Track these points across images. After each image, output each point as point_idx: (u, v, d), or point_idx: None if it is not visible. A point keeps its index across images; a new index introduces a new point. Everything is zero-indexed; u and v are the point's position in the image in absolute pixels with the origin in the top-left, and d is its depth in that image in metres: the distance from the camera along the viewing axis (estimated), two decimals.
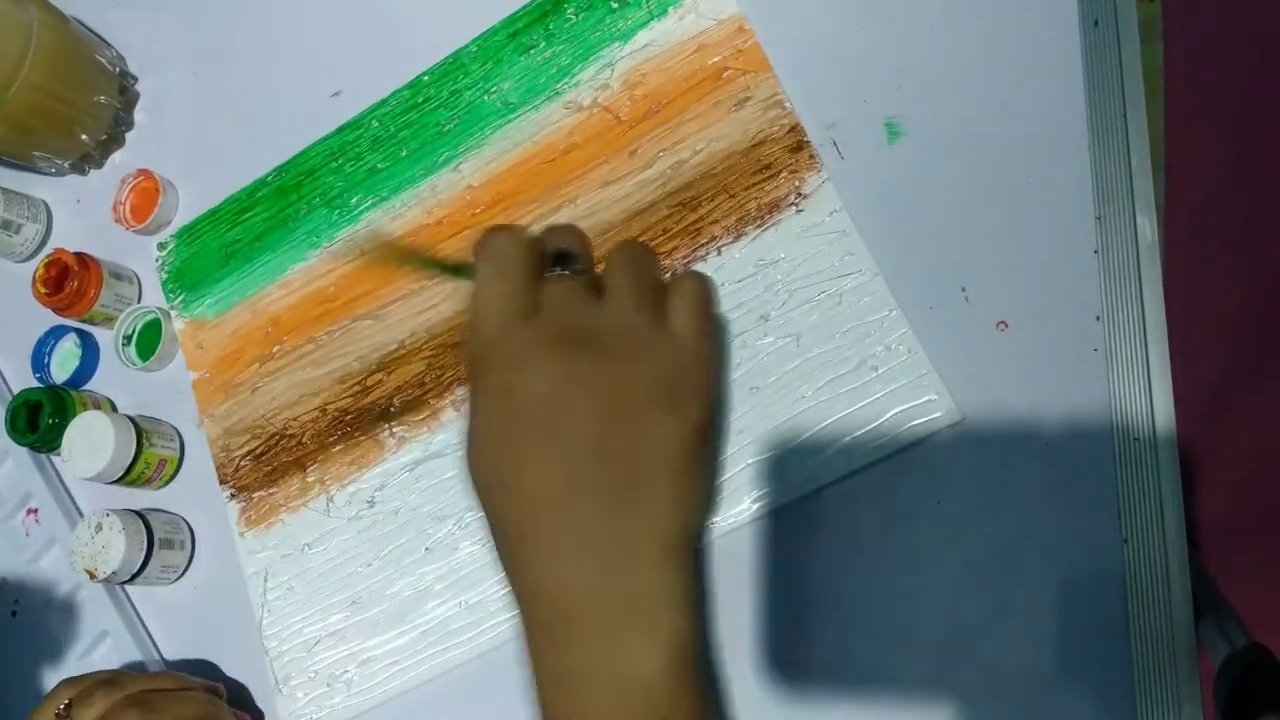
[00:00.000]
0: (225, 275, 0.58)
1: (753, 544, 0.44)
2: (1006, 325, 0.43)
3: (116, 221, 0.61)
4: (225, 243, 0.58)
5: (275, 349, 0.55)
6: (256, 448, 0.54)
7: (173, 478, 0.57)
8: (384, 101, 0.56)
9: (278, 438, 0.54)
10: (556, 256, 0.35)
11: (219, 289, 0.58)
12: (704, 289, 0.38)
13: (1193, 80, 0.86)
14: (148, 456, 0.55)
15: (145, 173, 0.61)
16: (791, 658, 0.43)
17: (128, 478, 0.54)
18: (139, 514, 0.54)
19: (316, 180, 0.57)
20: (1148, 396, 0.40)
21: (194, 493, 0.57)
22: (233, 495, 0.54)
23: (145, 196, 0.61)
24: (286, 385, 0.55)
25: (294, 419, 0.54)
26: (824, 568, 0.43)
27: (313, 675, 0.50)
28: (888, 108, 0.47)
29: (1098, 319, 0.41)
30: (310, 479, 0.53)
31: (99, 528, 0.52)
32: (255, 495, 0.54)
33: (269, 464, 0.54)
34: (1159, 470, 0.39)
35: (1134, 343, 0.41)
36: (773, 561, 0.44)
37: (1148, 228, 0.42)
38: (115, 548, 0.52)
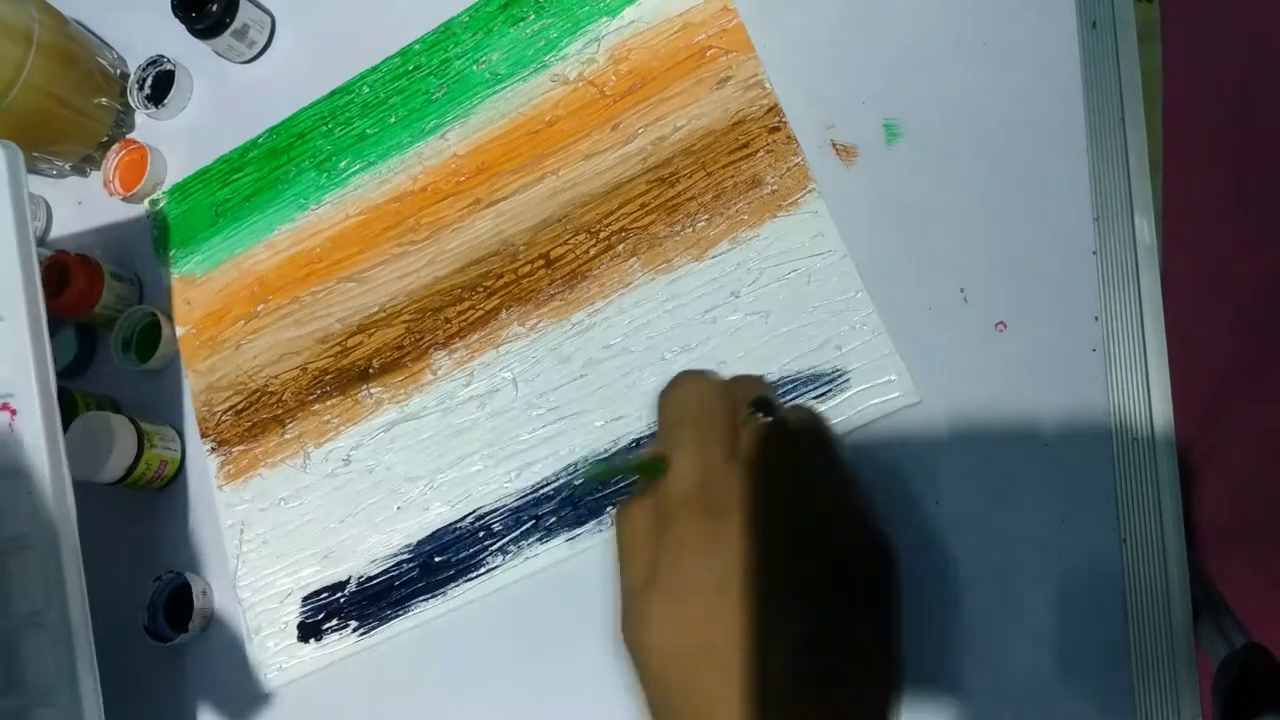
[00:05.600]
0: (215, 233, 0.59)
1: None
2: (1005, 325, 0.43)
3: (111, 195, 0.61)
4: (216, 202, 0.59)
5: (260, 307, 0.56)
6: (238, 403, 0.56)
7: (173, 479, 0.57)
8: (375, 68, 0.57)
9: (259, 394, 0.55)
10: (756, 402, 0.31)
11: (208, 247, 0.59)
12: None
13: (1191, 81, 0.85)
14: (149, 458, 0.54)
15: (130, 142, 0.62)
16: None
17: (129, 479, 0.54)
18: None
19: (306, 143, 0.58)
20: (1146, 396, 0.40)
21: (196, 492, 0.56)
22: (213, 449, 0.56)
23: (132, 168, 0.62)
24: (269, 343, 0.56)
25: (275, 376, 0.55)
26: None
27: (283, 626, 0.51)
28: (886, 109, 0.47)
29: (1096, 319, 0.42)
30: (289, 435, 0.54)
31: None
32: (235, 450, 0.55)
33: (249, 419, 0.55)
34: (1157, 470, 0.40)
35: (1132, 343, 0.41)
36: None
37: (1146, 229, 0.42)
38: None
